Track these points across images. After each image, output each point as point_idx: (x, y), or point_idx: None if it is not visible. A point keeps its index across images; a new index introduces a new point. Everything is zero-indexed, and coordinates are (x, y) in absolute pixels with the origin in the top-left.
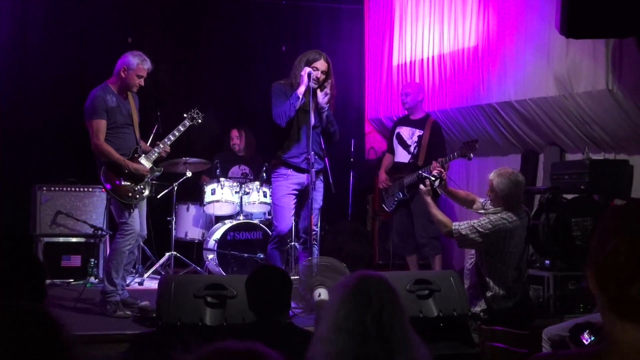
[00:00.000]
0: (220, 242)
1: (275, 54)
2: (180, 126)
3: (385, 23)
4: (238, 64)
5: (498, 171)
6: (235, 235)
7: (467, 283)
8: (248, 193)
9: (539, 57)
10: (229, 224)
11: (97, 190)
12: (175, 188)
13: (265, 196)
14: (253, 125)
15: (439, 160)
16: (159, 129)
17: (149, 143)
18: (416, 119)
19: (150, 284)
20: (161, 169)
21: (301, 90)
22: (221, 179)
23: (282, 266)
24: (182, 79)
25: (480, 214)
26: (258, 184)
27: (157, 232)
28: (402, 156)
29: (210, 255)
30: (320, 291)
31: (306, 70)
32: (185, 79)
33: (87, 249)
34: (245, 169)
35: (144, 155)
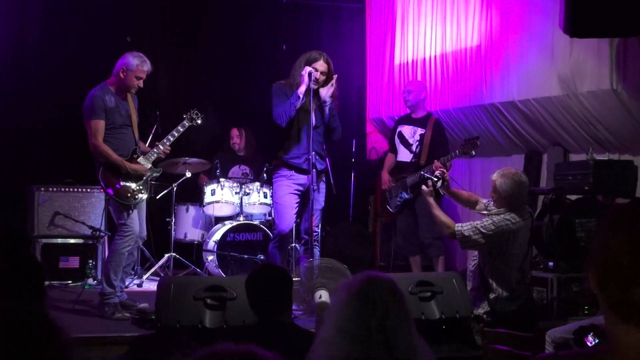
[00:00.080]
0: (220, 244)
1: (275, 53)
2: (179, 127)
3: (387, 22)
4: (238, 64)
5: (501, 172)
6: (235, 237)
7: (470, 285)
8: (248, 194)
9: (543, 57)
10: (228, 225)
11: (96, 191)
12: (175, 189)
13: (265, 197)
14: (253, 125)
15: (440, 159)
16: (158, 130)
17: (147, 143)
18: (418, 117)
19: (149, 285)
20: (160, 170)
21: (302, 89)
22: (221, 179)
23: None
24: (182, 78)
25: (483, 215)
26: (258, 184)
27: (156, 233)
28: (405, 155)
29: (210, 257)
30: (321, 293)
31: (307, 70)
32: (184, 78)
33: (86, 251)
34: (245, 169)
35: (143, 155)
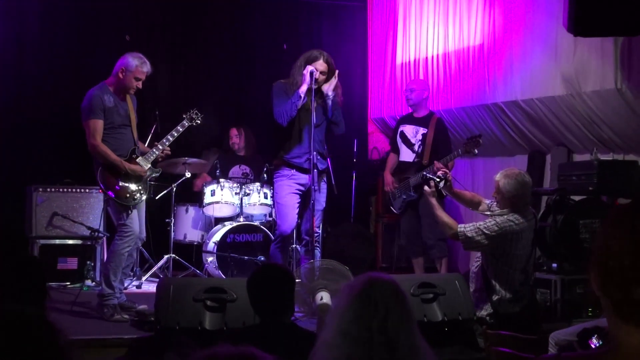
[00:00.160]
0: (220, 245)
1: (276, 52)
2: (178, 127)
3: (389, 20)
4: (238, 63)
5: (504, 172)
6: (235, 238)
7: (473, 286)
8: (248, 194)
9: (546, 56)
10: (228, 225)
11: (94, 191)
12: (174, 189)
13: (266, 197)
14: (254, 125)
15: (442, 159)
16: (157, 130)
17: (147, 144)
18: (420, 117)
19: (149, 287)
20: (159, 170)
21: (303, 89)
22: (221, 180)
23: None
24: (181, 78)
25: (486, 215)
26: (259, 185)
27: (156, 234)
28: (407, 155)
29: (210, 258)
30: (322, 294)
31: (308, 69)
32: (184, 78)
33: (84, 252)
34: (245, 168)
35: (142, 156)
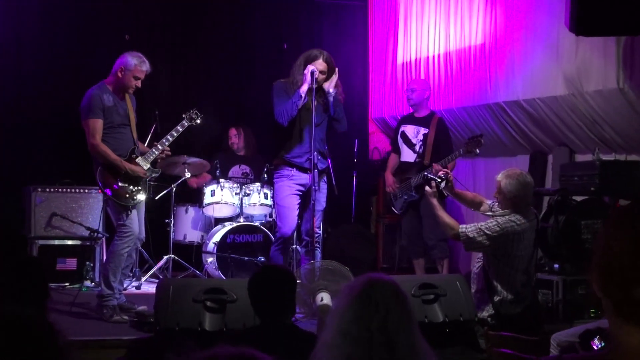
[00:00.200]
0: (220, 245)
1: (276, 51)
2: (178, 126)
3: (390, 20)
4: (238, 63)
5: (506, 172)
6: (235, 238)
7: (474, 287)
8: (248, 194)
9: (548, 55)
10: (228, 226)
11: (94, 191)
12: (174, 189)
13: (266, 198)
14: (254, 125)
15: (442, 160)
16: (157, 129)
17: (146, 144)
18: (421, 117)
19: (148, 288)
20: (159, 170)
21: (304, 89)
22: (221, 180)
23: None
24: (181, 77)
25: (487, 216)
26: (259, 185)
27: (155, 235)
28: (408, 155)
29: (210, 259)
30: (322, 295)
31: (309, 69)
32: (184, 77)
33: (83, 252)
34: (245, 168)
35: (141, 156)
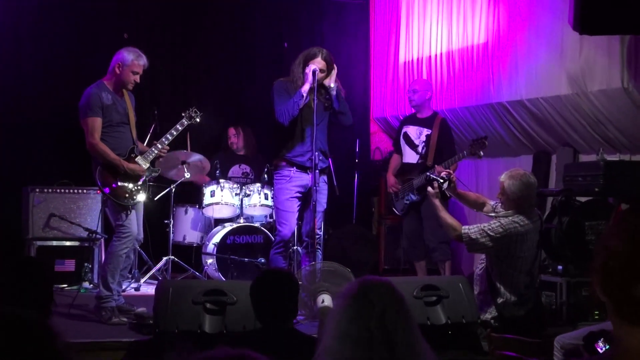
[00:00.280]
0: (220, 246)
1: (277, 50)
2: (178, 125)
3: (392, 18)
4: (238, 62)
5: (509, 173)
6: (235, 239)
7: (477, 289)
8: (249, 195)
9: (552, 54)
10: (228, 227)
11: (92, 192)
12: (173, 190)
13: (266, 198)
14: (255, 124)
15: (444, 162)
16: (156, 129)
17: (145, 143)
18: (424, 117)
19: (147, 289)
20: (158, 170)
21: (305, 88)
22: (221, 180)
23: None
24: (181, 76)
25: (490, 217)
26: (259, 185)
27: (154, 236)
28: (410, 157)
29: (210, 260)
30: (323, 297)
31: (311, 68)
32: (183, 76)
33: (82, 253)
34: (245, 168)
35: (140, 155)
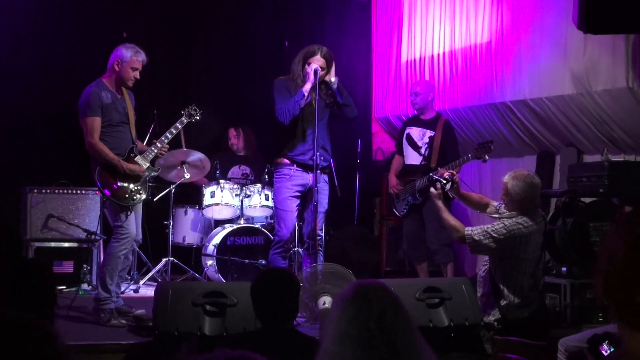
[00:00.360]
0: (220, 248)
1: (278, 49)
2: (177, 123)
3: (394, 17)
4: (239, 60)
5: (513, 173)
6: (235, 240)
7: (480, 291)
8: (249, 196)
9: (556, 54)
10: (229, 228)
11: (91, 192)
12: (173, 190)
13: (267, 199)
14: (255, 124)
15: (449, 164)
16: (155, 128)
17: (145, 142)
18: (427, 119)
19: (146, 291)
20: (158, 169)
21: (307, 87)
22: (221, 181)
23: None
24: (180, 75)
25: (494, 218)
26: (260, 186)
27: (154, 237)
28: (413, 158)
29: (210, 261)
30: (325, 299)
31: (312, 67)
32: (183, 75)
33: (80, 255)
34: (245, 169)
35: (140, 155)
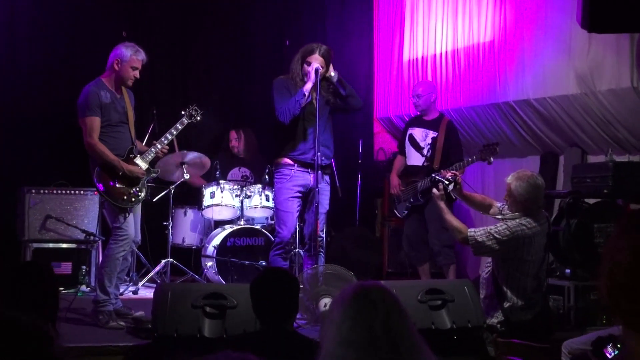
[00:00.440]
0: (220, 249)
1: (278, 48)
2: (177, 124)
3: (396, 16)
4: (239, 59)
5: (516, 174)
6: (235, 242)
7: (483, 293)
8: (249, 196)
9: (560, 53)
10: (229, 229)
11: (89, 193)
12: (172, 191)
13: (267, 200)
14: (255, 124)
15: (453, 166)
16: (155, 128)
17: (144, 143)
18: (429, 119)
19: (145, 293)
20: (157, 170)
21: (308, 87)
22: (221, 181)
23: None
24: (180, 75)
25: (497, 219)
26: (260, 187)
27: (153, 238)
28: (415, 159)
29: (209, 263)
30: (325, 301)
31: (313, 67)
32: (182, 74)
33: (79, 256)
34: (245, 171)
35: (139, 155)
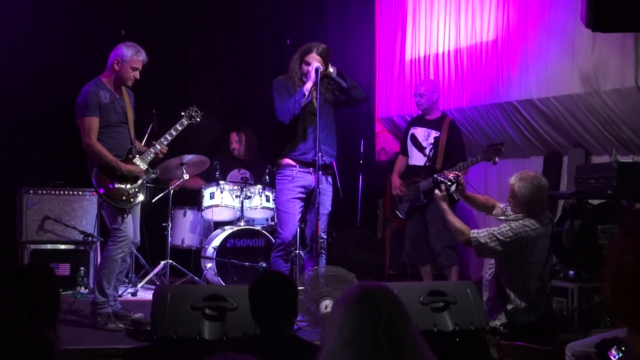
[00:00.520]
0: (220, 250)
1: (278, 49)
2: (177, 125)
3: (398, 15)
4: (239, 59)
5: (519, 175)
6: (235, 243)
7: (486, 295)
8: (249, 197)
9: (563, 52)
10: (229, 230)
11: (88, 193)
12: (172, 191)
13: (268, 201)
14: (255, 124)
15: (457, 166)
16: (154, 128)
17: (143, 143)
18: (432, 119)
19: (144, 294)
20: (157, 171)
21: (308, 86)
22: (221, 182)
23: None
24: (180, 74)
25: (500, 220)
26: (260, 187)
27: (152, 239)
28: (417, 159)
29: (209, 264)
30: (326, 303)
31: (314, 66)
32: (182, 74)
33: (77, 257)
34: (245, 173)
35: (138, 156)
